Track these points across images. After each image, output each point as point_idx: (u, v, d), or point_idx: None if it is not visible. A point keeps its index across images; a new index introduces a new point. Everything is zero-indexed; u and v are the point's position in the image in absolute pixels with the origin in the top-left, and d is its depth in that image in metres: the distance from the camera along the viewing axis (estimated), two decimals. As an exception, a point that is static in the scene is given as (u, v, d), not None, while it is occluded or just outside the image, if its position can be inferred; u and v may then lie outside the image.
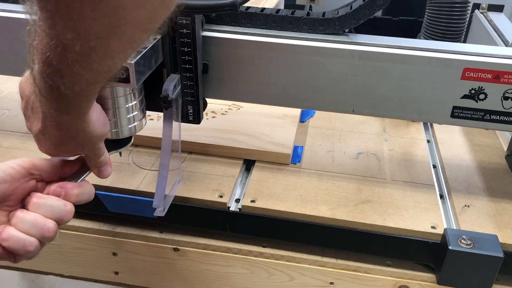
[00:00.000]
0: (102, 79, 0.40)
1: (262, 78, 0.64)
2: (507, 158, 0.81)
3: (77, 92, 0.39)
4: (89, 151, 0.50)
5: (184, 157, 0.78)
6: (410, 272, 0.67)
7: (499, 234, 0.64)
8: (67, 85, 0.38)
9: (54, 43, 0.35)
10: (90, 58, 0.36)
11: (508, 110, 0.61)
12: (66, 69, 0.36)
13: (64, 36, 0.34)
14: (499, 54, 0.60)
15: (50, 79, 0.38)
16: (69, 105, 0.41)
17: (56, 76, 0.38)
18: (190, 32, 0.59)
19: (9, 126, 0.84)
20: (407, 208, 0.69)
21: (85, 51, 0.35)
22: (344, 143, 0.84)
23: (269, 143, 0.79)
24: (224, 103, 0.90)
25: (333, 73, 0.62)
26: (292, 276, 0.70)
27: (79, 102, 0.41)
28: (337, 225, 0.66)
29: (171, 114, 0.60)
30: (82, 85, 0.39)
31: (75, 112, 0.42)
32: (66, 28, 0.34)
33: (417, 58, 0.60)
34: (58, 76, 0.37)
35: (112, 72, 0.39)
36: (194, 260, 0.72)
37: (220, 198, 0.69)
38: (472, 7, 0.94)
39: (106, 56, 0.37)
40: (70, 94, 0.39)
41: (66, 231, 0.74)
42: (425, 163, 0.80)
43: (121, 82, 0.52)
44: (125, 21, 0.35)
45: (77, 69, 0.37)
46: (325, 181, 0.74)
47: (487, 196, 0.72)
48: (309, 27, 0.62)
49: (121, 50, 0.37)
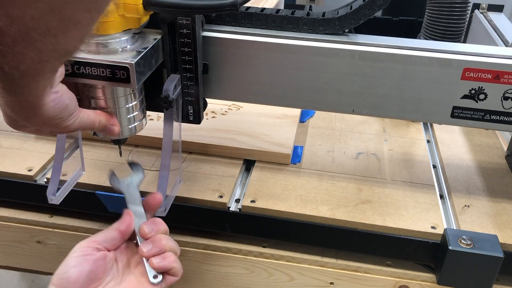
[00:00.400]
0: (49, 58, 0.38)
1: (262, 78, 0.64)
2: (507, 158, 0.81)
3: (23, 71, 0.38)
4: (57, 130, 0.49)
5: (184, 157, 0.78)
6: (410, 272, 0.67)
7: (499, 234, 0.64)
8: (10, 64, 0.36)
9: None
10: (30, 38, 0.35)
11: (508, 110, 0.61)
12: (6, 49, 0.35)
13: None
14: (499, 54, 0.60)
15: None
16: (16, 85, 0.39)
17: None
18: (190, 32, 0.59)
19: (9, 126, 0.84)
20: (407, 208, 0.69)
21: (24, 32, 0.34)
22: (344, 143, 0.84)
23: (269, 143, 0.79)
24: (224, 103, 0.90)
25: (333, 73, 0.62)
26: (292, 276, 0.70)
27: (27, 83, 0.40)
28: (337, 225, 0.66)
29: (171, 114, 0.60)
30: (28, 64, 0.37)
31: (23, 93, 0.41)
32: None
33: (417, 58, 0.60)
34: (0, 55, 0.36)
35: (59, 52, 0.38)
36: (194, 260, 0.72)
37: (220, 198, 0.69)
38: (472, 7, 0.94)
39: (48, 34, 0.35)
40: (16, 73, 0.37)
41: (66, 231, 0.74)
42: (425, 163, 0.80)
43: (121, 82, 0.52)
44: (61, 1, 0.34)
45: (18, 48, 0.35)
46: (325, 181, 0.74)
47: (487, 196, 0.72)
48: (309, 27, 0.62)
49: (62, 28, 0.36)
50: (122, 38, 0.54)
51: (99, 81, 0.52)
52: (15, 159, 0.76)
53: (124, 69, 0.51)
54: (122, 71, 0.51)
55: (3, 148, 0.79)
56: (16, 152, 0.78)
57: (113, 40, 0.53)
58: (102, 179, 0.72)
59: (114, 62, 0.50)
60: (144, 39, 0.57)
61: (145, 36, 0.58)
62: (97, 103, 0.55)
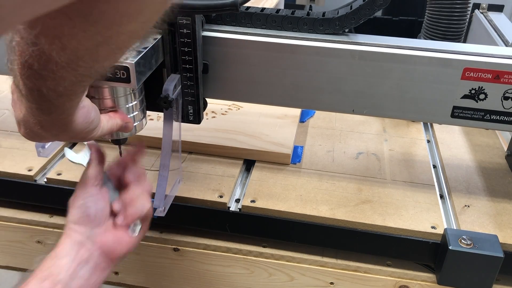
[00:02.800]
0: (88, 79, 0.38)
1: (262, 78, 0.64)
2: (507, 158, 0.81)
3: (60, 92, 0.38)
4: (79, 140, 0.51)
5: (184, 157, 0.78)
6: (410, 272, 0.67)
7: (499, 234, 0.64)
8: (49, 87, 0.36)
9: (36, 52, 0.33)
10: (77, 65, 0.34)
11: (508, 110, 0.61)
12: (49, 74, 0.35)
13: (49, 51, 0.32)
14: (499, 54, 0.60)
15: (30, 81, 0.36)
16: (51, 105, 0.39)
17: (37, 79, 0.36)
18: (190, 32, 0.59)
19: (9, 126, 0.84)
20: (407, 208, 0.69)
21: (72, 60, 0.34)
22: (344, 143, 0.84)
23: (269, 143, 0.79)
24: (224, 103, 0.90)
25: (333, 73, 0.62)
26: (292, 276, 0.70)
27: (62, 102, 0.40)
28: (337, 225, 0.66)
29: (171, 114, 0.60)
30: (66, 86, 0.37)
31: (57, 112, 0.41)
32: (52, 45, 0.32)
33: (417, 58, 0.60)
34: (40, 79, 0.36)
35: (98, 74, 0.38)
36: (194, 260, 0.72)
37: (220, 198, 0.69)
38: (472, 7, 0.94)
39: (94, 61, 0.35)
40: (53, 95, 0.38)
41: (66, 231, 0.74)
42: (425, 163, 0.80)
43: (121, 82, 0.52)
44: (117, 34, 0.33)
45: (61, 73, 0.35)
46: (325, 181, 0.74)
47: (487, 196, 0.72)
48: (309, 27, 0.62)
49: (110, 55, 0.36)
50: None
51: (99, 81, 0.52)
52: (15, 159, 0.76)
53: (124, 69, 0.51)
54: (122, 71, 0.51)
55: (3, 148, 0.79)
56: (16, 152, 0.78)
57: None
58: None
59: (114, 62, 0.50)
60: (144, 39, 0.57)
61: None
62: (104, 103, 0.55)
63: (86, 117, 0.46)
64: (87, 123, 0.46)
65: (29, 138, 0.47)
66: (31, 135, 0.46)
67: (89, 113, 0.46)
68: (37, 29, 0.31)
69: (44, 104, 0.39)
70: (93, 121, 0.48)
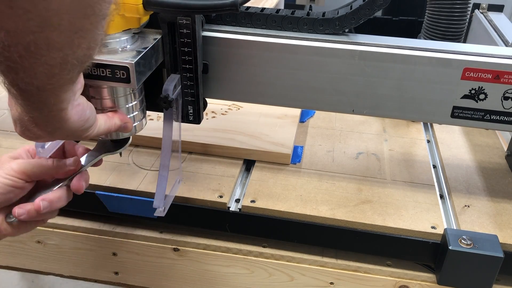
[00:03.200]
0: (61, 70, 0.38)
1: (262, 78, 0.64)
2: (507, 158, 0.81)
3: (39, 86, 0.38)
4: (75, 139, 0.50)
5: (184, 157, 0.78)
6: (410, 272, 0.67)
7: (499, 234, 0.64)
8: (25, 81, 0.37)
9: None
10: (35, 52, 0.35)
11: (508, 110, 0.61)
12: (15, 65, 0.35)
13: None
14: (499, 54, 0.60)
15: (5, 76, 0.37)
16: (36, 101, 0.40)
17: (9, 72, 0.36)
18: (190, 32, 0.59)
19: (9, 126, 0.84)
20: (407, 208, 0.69)
21: (25, 46, 0.34)
22: (344, 143, 0.84)
23: (269, 143, 0.79)
24: (224, 103, 0.90)
25: (333, 73, 0.62)
26: (292, 276, 0.70)
27: (46, 97, 0.40)
28: (337, 225, 0.66)
29: (171, 114, 0.60)
30: (41, 79, 0.37)
31: (46, 108, 0.41)
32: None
33: (417, 58, 0.60)
34: (12, 72, 0.36)
35: (69, 64, 0.38)
36: (194, 260, 0.72)
37: (220, 198, 0.69)
38: (472, 7, 0.94)
39: (52, 48, 0.36)
40: (33, 89, 0.38)
41: (66, 231, 0.74)
42: (425, 163, 0.80)
43: (121, 82, 0.52)
44: (53, 12, 0.33)
45: (26, 64, 0.35)
46: (325, 181, 0.74)
47: (487, 196, 0.72)
48: (309, 27, 0.62)
49: (66, 40, 0.36)
50: (122, 38, 0.54)
51: (99, 81, 0.52)
52: (15, 159, 0.76)
53: (124, 69, 0.51)
54: (122, 71, 0.51)
55: (3, 148, 0.79)
56: (16, 152, 0.78)
57: (113, 40, 0.53)
58: (102, 179, 0.72)
59: (114, 62, 0.50)
60: (144, 39, 0.57)
61: (145, 36, 0.58)
62: (104, 103, 0.55)
63: (82, 115, 0.46)
64: (82, 121, 0.46)
65: (25, 137, 0.46)
66: (26, 134, 0.46)
67: (84, 111, 0.46)
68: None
69: (30, 99, 0.39)
70: (88, 119, 0.47)
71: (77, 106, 0.45)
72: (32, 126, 0.43)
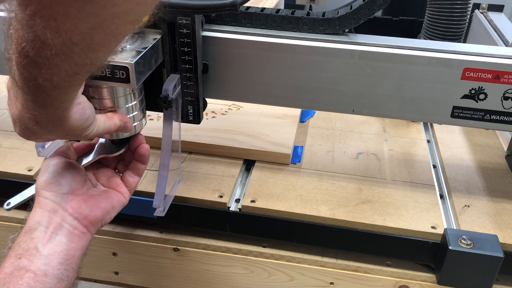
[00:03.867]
0: (83, 71, 0.38)
1: (262, 78, 0.64)
2: (507, 158, 0.81)
3: (56, 83, 0.37)
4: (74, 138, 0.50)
5: (184, 157, 0.78)
6: (410, 272, 0.67)
7: (499, 234, 0.64)
8: (45, 77, 0.36)
9: (31, 37, 0.33)
10: (72, 52, 0.35)
11: (508, 110, 0.61)
12: (44, 61, 0.35)
13: (44, 34, 0.33)
14: (499, 54, 0.60)
15: (26, 70, 0.36)
16: (47, 97, 0.39)
17: (33, 67, 0.36)
18: (190, 32, 0.59)
19: (9, 126, 0.83)
20: (407, 208, 0.69)
21: (67, 45, 0.34)
22: (344, 143, 0.84)
23: (269, 143, 0.79)
24: (224, 103, 0.90)
25: (333, 73, 0.62)
26: (292, 276, 0.70)
27: (57, 95, 0.40)
28: (337, 225, 0.66)
29: (171, 114, 0.60)
30: (61, 77, 0.37)
31: (53, 105, 0.41)
32: (47, 27, 0.32)
33: (417, 58, 0.60)
34: (35, 67, 0.36)
35: (94, 65, 0.38)
36: (194, 260, 0.72)
37: (220, 198, 0.69)
38: (472, 7, 0.94)
39: (89, 49, 0.35)
40: (48, 85, 0.37)
41: (66, 231, 0.73)
42: (425, 163, 0.80)
43: (121, 82, 0.52)
44: (112, 16, 0.33)
45: (56, 61, 0.35)
46: (325, 181, 0.74)
47: (487, 196, 0.72)
48: (309, 27, 0.62)
49: (105, 42, 0.36)
50: None
51: (99, 81, 0.52)
52: (15, 159, 0.76)
53: (123, 69, 0.50)
54: (121, 71, 0.51)
55: (3, 148, 0.79)
56: (16, 152, 0.78)
57: None
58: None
59: (114, 62, 0.50)
60: (143, 39, 0.57)
61: (145, 36, 0.58)
62: (104, 103, 0.55)
63: (82, 114, 0.46)
64: (82, 119, 0.46)
65: (24, 136, 0.46)
66: (26, 133, 0.45)
67: (85, 109, 0.46)
68: (32, 7, 0.31)
69: (40, 96, 0.39)
70: (88, 117, 0.47)
71: (77, 104, 0.45)
72: (33, 125, 0.43)
